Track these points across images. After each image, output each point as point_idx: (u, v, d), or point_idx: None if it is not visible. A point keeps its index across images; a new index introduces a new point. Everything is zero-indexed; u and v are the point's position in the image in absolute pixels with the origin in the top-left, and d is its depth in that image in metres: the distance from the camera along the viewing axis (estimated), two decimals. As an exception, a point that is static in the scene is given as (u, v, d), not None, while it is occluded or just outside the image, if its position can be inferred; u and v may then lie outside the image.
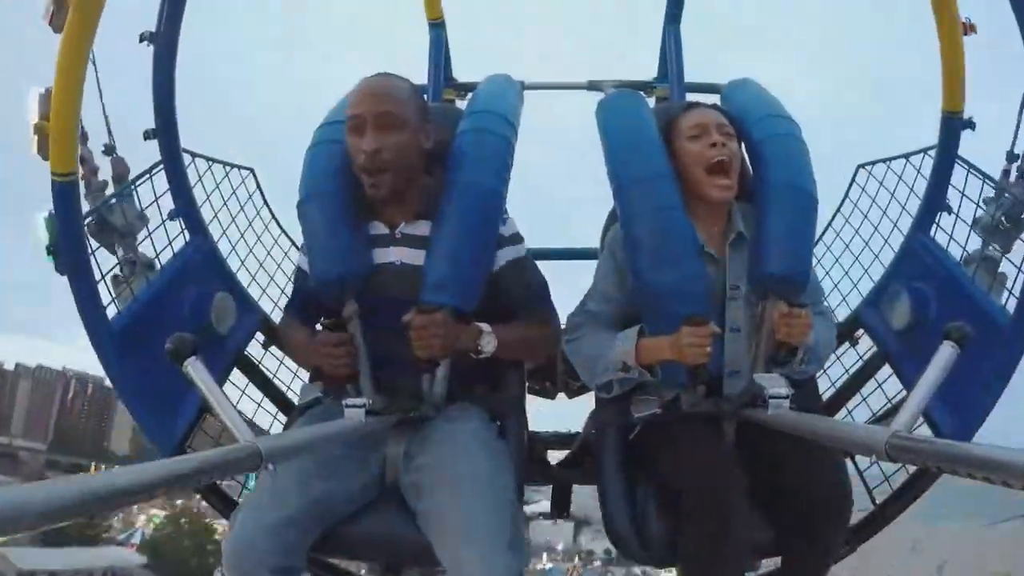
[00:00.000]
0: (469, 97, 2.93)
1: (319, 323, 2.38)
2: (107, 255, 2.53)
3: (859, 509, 2.53)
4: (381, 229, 2.43)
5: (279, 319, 2.86)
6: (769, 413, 2.18)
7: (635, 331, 2.42)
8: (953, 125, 2.82)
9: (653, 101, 3.92)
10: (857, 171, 3.60)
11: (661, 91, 4.00)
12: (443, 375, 2.39)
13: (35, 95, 2.14)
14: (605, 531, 2.53)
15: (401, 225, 2.41)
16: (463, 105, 3.35)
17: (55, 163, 2.13)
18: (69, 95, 2.08)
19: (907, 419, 1.62)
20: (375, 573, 3.24)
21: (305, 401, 2.52)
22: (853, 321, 3.28)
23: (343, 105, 2.48)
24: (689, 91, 3.89)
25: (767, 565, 2.71)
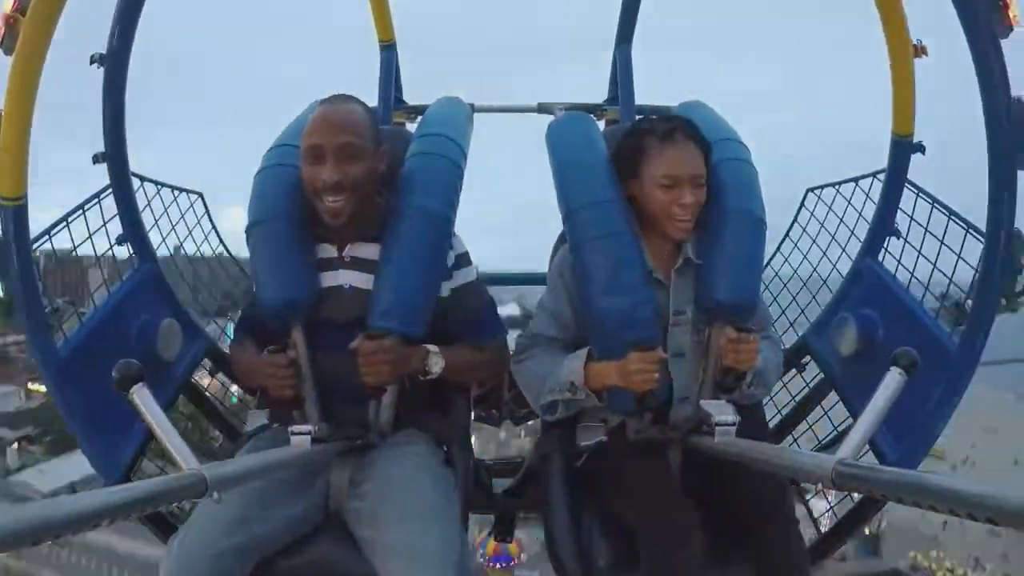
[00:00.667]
0: (419, 120, 2.93)
1: (265, 349, 2.36)
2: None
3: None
4: (329, 252, 2.43)
5: (227, 345, 2.84)
6: (716, 440, 2.19)
7: (584, 352, 2.41)
8: (903, 148, 2.84)
9: (603, 124, 3.89)
10: (806, 195, 3.60)
11: (611, 113, 3.98)
12: (390, 402, 2.39)
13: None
14: (549, 559, 2.50)
15: (349, 247, 2.42)
16: (412, 127, 3.36)
17: (5, 187, 2.11)
18: (20, 118, 2.06)
19: (854, 446, 1.63)
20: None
21: (252, 428, 2.50)
22: (800, 347, 3.29)
23: (295, 128, 2.49)
24: (639, 113, 3.84)
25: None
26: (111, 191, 2.77)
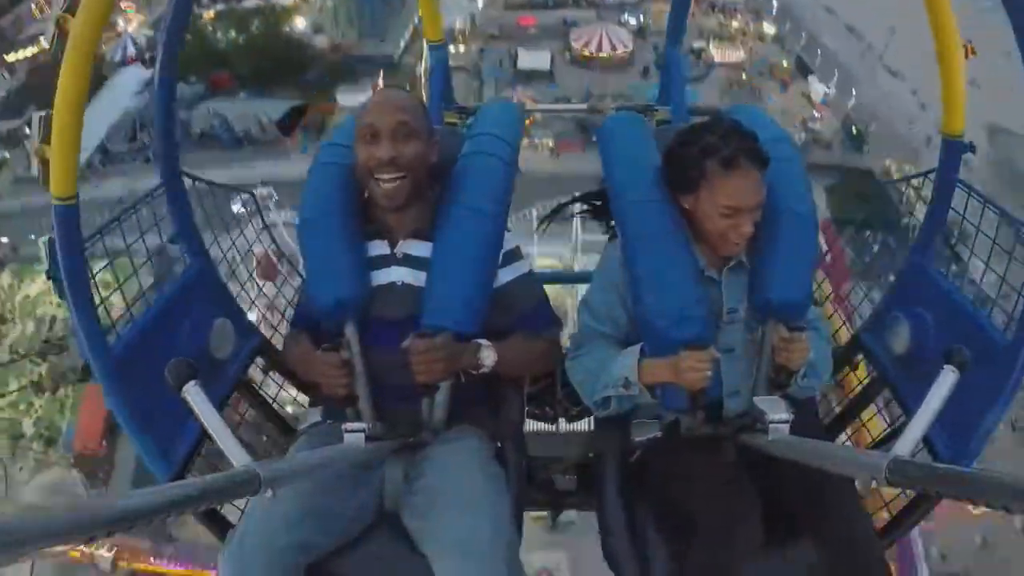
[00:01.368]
0: (471, 121, 2.94)
1: (319, 349, 2.36)
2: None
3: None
4: (382, 249, 2.45)
5: (280, 344, 2.84)
6: (769, 438, 2.17)
7: (637, 348, 2.41)
8: (953, 148, 2.80)
9: (654, 124, 3.90)
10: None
11: (662, 114, 3.99)
12: (443, 399, 2.39)
13: (36, 119, 2.14)
14: (603, 556, 2.49)
15: (401, 243, 2.43)
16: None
17: (56, 187, 2.13)
18: (70, 118, 2.08)
19: (908, 444, 1.63)
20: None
21: (305, 425, 2.50)
22: (853, 345, 3.26)
23: (349, 126, 2.52)
24: (691, 114, 3.88)
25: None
26: (163, 190, 2.79)
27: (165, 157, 2.72)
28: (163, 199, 2.74)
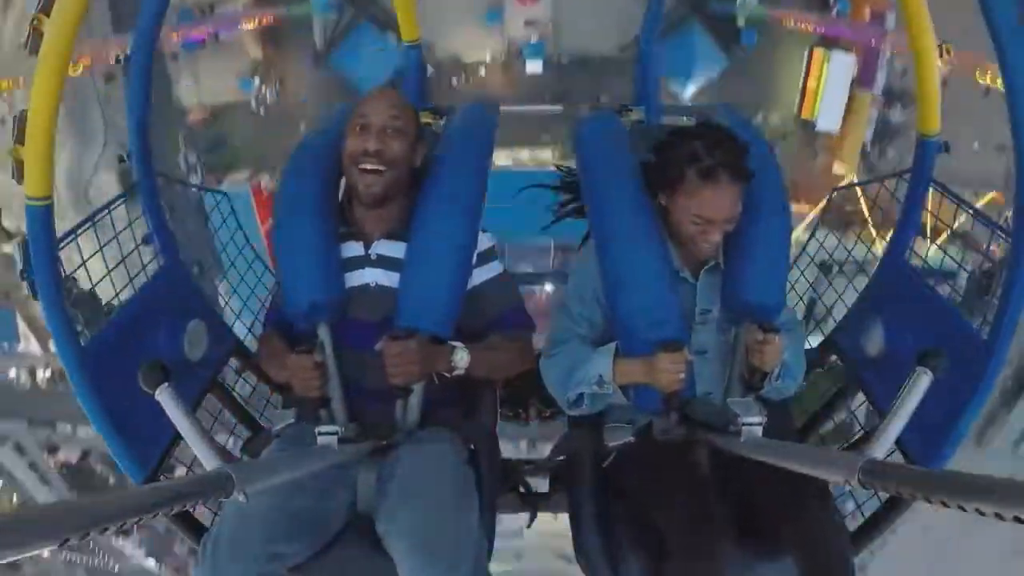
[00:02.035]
0: (445, 120, 2.95)
1: (295, 350, 2.35)
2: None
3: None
4: (356, 250, 2.44)
5: (253, 345, 2.83)
6: (742, 440, 2.17)
7: (612, 347, 2.40)
8: (928, 148, 2.82)
9: (628, 124, 3.90)
10: (832, 195, 3.59)
11: (636, 113, 3.94)
12: (416, 401, 2.39)
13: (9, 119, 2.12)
14: (576, 560, 2.48)
15: (375, 244, 2.43)
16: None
17: (30, 187, 2.11)
18: (44, 118, 2.06)
19: (882, 446, 1.64)
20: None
21: (279, 427, 2.50)
22: (827, 346, 3.27)
23: (339, 114, 2.57)
24: (665, 114, 3.89)
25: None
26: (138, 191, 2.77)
27: (140, 156, 2.70)
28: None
